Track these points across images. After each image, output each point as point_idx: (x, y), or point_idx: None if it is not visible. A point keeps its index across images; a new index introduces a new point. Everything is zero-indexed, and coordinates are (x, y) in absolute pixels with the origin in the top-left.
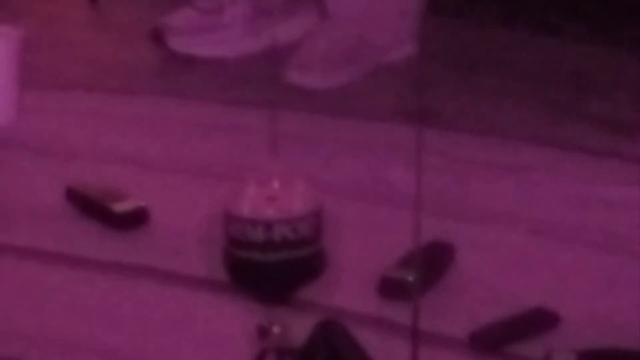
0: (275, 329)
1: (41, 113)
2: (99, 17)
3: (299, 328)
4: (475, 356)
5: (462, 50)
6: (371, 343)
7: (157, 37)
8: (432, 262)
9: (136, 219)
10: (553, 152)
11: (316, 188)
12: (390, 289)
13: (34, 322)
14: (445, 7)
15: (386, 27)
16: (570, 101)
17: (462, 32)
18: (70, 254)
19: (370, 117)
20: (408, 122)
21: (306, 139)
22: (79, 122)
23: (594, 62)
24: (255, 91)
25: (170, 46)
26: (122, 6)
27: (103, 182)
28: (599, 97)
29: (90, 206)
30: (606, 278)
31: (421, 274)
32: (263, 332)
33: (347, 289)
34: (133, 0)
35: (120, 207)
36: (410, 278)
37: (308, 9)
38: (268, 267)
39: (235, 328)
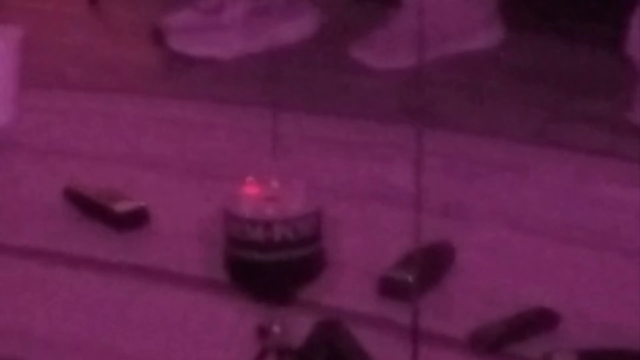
0: (275, 329)
1: (41, 113)
2: (99, 17)
3: (299, 328)
4: (475, 356)
5: None
6: (371, 343)
7: (157, 37)
8: (432, 262)
9: (136, 219)
10: (552, 152)
11: (316, 188)
12: (390, 289)
13: (34, 322)
14: None
15: (459, 15)
16: (569, 101)
17: None
18: (70, 254)
19: (370, 117)
20: (408, 122)
21: (306, 139)
22: (79, 122)
23: (593, 62)
24: (255, 91)
25: (170, 46)
26: (122, 6)
27: (103, 182)
28: (599, 96)
29: (90, 206)
30: (606, 278)
31: (421, 274)
32: (263, 332)
33: (347, 289)
34: (133, 0)
35: (120, 207)
36: (410, 278)
37: (308, 9)
38: (268, 267)
39: (235, 328)
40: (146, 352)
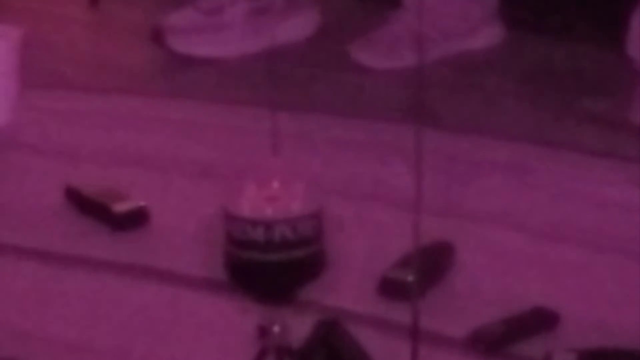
0: (275, 329)
1: (41, 113)
2: (99, 17)
3: (299, 328)
4: (475, 356)
5: None
6: (371, 343)
7: (157, 37)
8: (432, 262)
9: (136, 219)
10: (552, 152)
11: (316, 188)
12: (390, 289)
13: (34, 322)
14: None
15: (459, 15)
16: (570, 101)
17: None
18: (70, 253)
19: (370, 117)
20: (408, 122)
21: (306, 139)
22: (79, 122)
23: (593, 62)
24: (255, 91)
25: (170, 46)
26: (122, 6)
27: (103, 182)
28: (599, 96)
29: (90, 206)
30: (606, 278)
31: (421, 274)
32: (263, 332)
33: (347, 289)
34: (133, 0)
35: (120, 207)
36: (410, 278)
37: (308, 9)
38: (268, 267)
39: (235, 328)
40: (145, 352)
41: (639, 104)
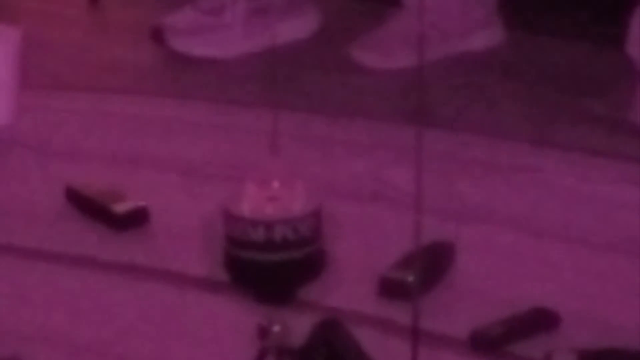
0: (275, 329)
1: (41, 113)
2: (99, 17)
3: (299, 328)
4: (475, 356)
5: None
6: (371, 343)
7: (158, 37)
8: (432, 262)
9: (136, 219)
10: (553, 152)
11: (316, 188)
12: (390, 289)
13: (34, 322)
14: None
15: (459, 15)
16: (569, 101)
17: None
18: (70, 254)
19: (370, 117)
20: (408, 122)
21: (306, 139)
22: (79, 122)
23: (593, 62)
24: (255, 91)
25: (171, 46)
26: (122, 6)
27: (103, 182)
28: (599, 96)
29: (90, 206)
30: (606, 278)
31: (421, 274)
32: (263, 332)
33: (347, 289)
34: (133, 0)
35: (120, 207)
36: (410, 278)
37: (308, 9)
38: (268, 267)
39: (235, 328)
40: (146, 352)
41: (639, 104)
